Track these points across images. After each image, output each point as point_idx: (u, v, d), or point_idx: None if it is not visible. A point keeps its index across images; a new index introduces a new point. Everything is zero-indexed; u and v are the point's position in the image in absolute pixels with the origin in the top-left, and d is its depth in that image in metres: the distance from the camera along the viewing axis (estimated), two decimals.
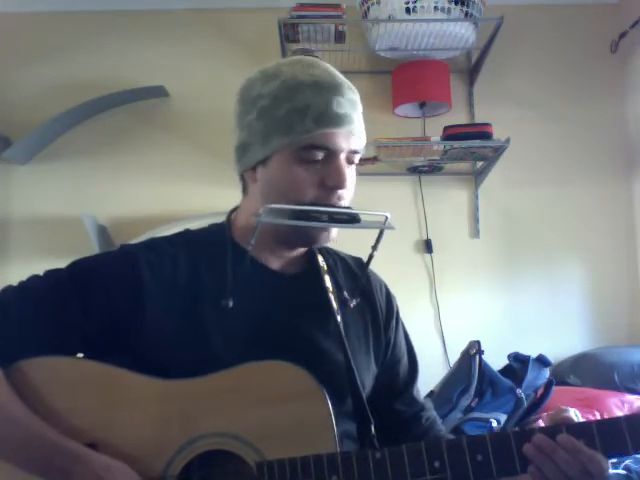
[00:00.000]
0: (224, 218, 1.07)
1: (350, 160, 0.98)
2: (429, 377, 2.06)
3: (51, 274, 0.97)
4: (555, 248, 2.96)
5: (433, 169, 2.93)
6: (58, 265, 0.97)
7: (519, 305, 2.93)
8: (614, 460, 1.79)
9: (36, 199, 2.92)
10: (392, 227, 0.98)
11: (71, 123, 2.91)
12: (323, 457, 0.85)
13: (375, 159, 2.80)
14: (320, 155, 0.94)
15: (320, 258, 1.09)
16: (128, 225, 2.82)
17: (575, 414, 0.88)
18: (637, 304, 2.92)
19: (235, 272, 0.98)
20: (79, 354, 0.96)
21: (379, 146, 2.71)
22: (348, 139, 0.96)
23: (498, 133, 2.65)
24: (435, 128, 2.81)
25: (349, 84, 0.99)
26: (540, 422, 1.98)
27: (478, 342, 2.25)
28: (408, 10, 2.63)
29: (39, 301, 0.93)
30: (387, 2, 2.65)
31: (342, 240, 1.05)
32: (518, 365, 2.22)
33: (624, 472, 1.79)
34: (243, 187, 1.05)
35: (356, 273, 1.12)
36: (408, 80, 2.85)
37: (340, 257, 1.14)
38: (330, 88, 0.95)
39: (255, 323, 0.98)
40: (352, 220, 0.95)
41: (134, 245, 1.01)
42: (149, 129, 2.98)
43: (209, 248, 1.02)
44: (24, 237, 2.91)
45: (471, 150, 2.69)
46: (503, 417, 2.10)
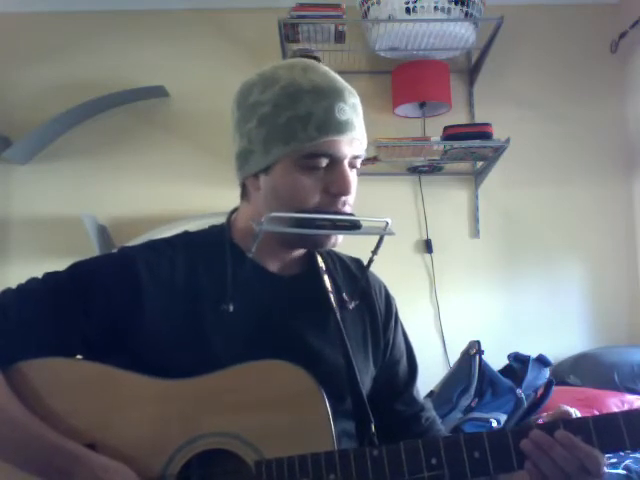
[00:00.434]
0: (224, 219, 1.07)
1: (353, 165, 0.97)
2: (429, 377, 2.07)
3: (50, 276, 0.96)
4: (555, 248, 2.96)
5: (433, 169, 2.93)
6: (58, 265, 0.98)
7: (519, 305, 2.93)
8: (614, 460, 1.79)
9: (36, 199, 2.93)
10: (392, 233, 0.97)
11: (71, 123, 2.91)
12: (321, 455, 0.85)
13: (375, 159, 2.81)
14: (324, 162, 0.94)
15: (319, 259, 1.08)
16: (128, 225, 2.83)
17: (575, 414, 0.88)
18: (637, 304, 2.92)
19: (234, 274, 0.98)
20: (78, 355, 0.96)
21: (379, 146, 2.71)
22: (351, 145, 0.95)
23: (498, 133, 2.65)
24: (435, 128, 2.81)
25: (349, 88, 0.97)
26: (540, 422, 1.98)
27: (478, 342, 2.25)
28: (408, 10, 2.63)
29: (39, 302, 0.93)
30: (387, 2, 2.65)
31: (342, 244, 1.05)
32: (518, 365, 2.22)
33: (624, 472, 1.79)
34: (243, 192, 1.04)
35: (355, 274, 1.12)
36: (408, 80, 2.85)
37: (339, 258, 1.14)
38: (331, 94, 0.93)
39: (254, 324, 0.98)
40: (353, 226, 0.95)
41: (133, 247, 1.01)
42: (149, 129, 2.98)
43: (208, 249, 1.01)
44: (24, 237, 2.91)
45: (471, 150, 2.69)
46: (503, 417, 2.10)
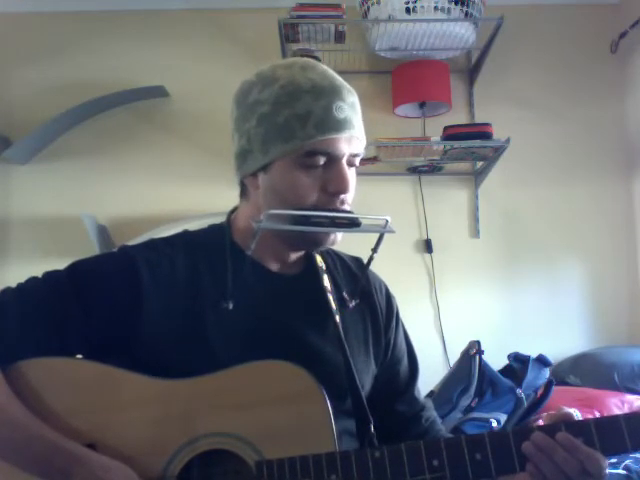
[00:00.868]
0: (223, 218, 1.07)
1: (351, 163, 0.97)
2: (429, 377, 2.06)
3: (50, 275, 0.96)
4: (555, 248, 2.96)
5: (433, 169, 2.93)
6: (58, 265, 0.97)
7: (519, 305, 2.93)
8: (614, 460, 1.79)
9: (36, 199, 2.92)
10: (392, 231, 0.97)
11: (71, 123, 2.91)
12: (322, 456, 0.85)
13: (375, 159, 2.81)
14: (322, 160, 0.94)
15: (319, 259, 1.08)
16: (128, 225, 2.82)
17: (575, 414, 0.88)
18: (637, 304, 2.92)
19: (234, 273, 0.98)
20: (78, 355, 0.95)
21: (379, 146, 2.71)
22: (349, 143, 0.95)
23: (498, 133, 2.65)
24: (435, 128, 2.81)
25: (348, 87, 0.98)
26: (540, 422, 1.98)
27: (478, 342, 2.24)
28: (408, 10, 2.63)
29: (38, 302, 0.93)
30: (387, 2, 2.64)
31: (342, 242, 1.05)
32: (518, 365, 2.22)
33: (624, 472, 1.79)
34: (242, 191, 1.05)
35: (355, 273, 1.11)
36: (408, 80, 2.85)
37: (339, 257, 1.14)
38: (330, 93, 0.94)
39: (254, 324, 0.97)
40: (352, 224, 0.95)
41: (133, 246, 1.01)
42: (149, 129, 2.98)
43: (208, 249, 1.01)
44: (24, 237, 2.91)
45: (471, 150, 2.69)
46: (503, 417, 2.10)
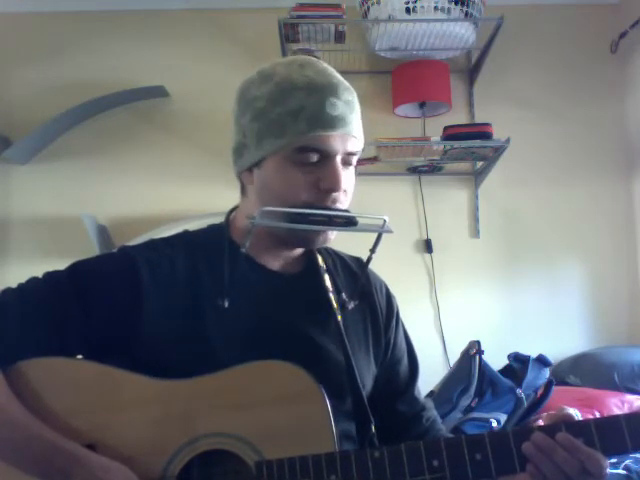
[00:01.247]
0: (223, 218, 1.07)
1: (347, 162, 0.96)
2: (429, 377, 2.06)
3: (50, 276, 0.96)
4: (555, 248, 2.96)
5: (433, 169, 2.93)
6: (58, 265, 0.97)
7: (519, 305, 2.93)
8: (614, 460, 1.79)
9: (36, 199, 2.92)
10: (390, 230, 0.96)
11: (71, 123, 2.91)
12: (322, 457, 0.85)
13: (375, 159, 2.80)
14: (315, 157, 0.93)
15: (319, 258, 1.08)
16: (128, 225, 2.83)
17: (575, 414, 0.87)
18: (637, 304, 2.92)
19: (233, 272, 0.98)
20: (78, 355, 0.95)
21: (379, 146, 2.71)
22: (344, 141, 0.94)
23: (498, 133, 2.65)
24: (435, 128, 2.81)
25: (346, 85, 0.97)
26: (540, 422, 1.98)
27: (478, 342, 2.24)
28: (408, 10, 2.63)
29: (39, 302, 0.93)
30: (387, 2, 2.64)
31: (341, 242, 1.05)
32: (518, 365, 2.22)
33: (624, 472, 1.79)
34: (241, 188, 1.05)
35: (356, 273, 1.11)
36: (408, 80, 2.85)
37: (340, 257, 1.14)
38: (324, 89, 0.93)
39: (254, 323, 0.97)
40: (349, 223, 0.94)
41: (133, 246, 1.01)
42: (149, 129, 2.98)
43: (208, 249, 1.01)
44: (24, 237, 2.91)
45: (471, 150, 2.69)
46: (503, 417, 2.10)
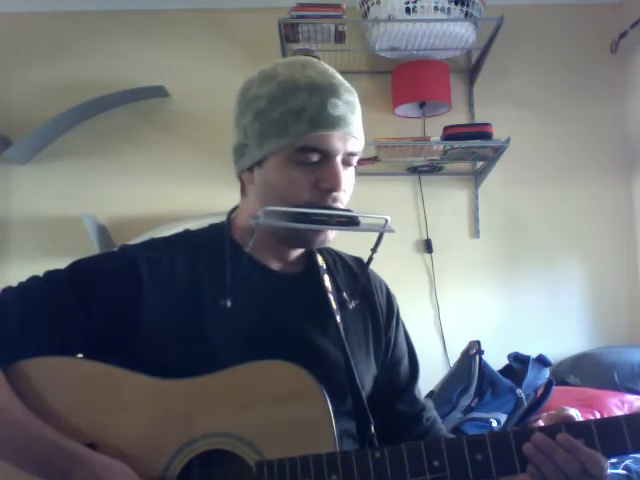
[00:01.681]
0: (224, 218, 1.07)
1: (347, 162, 0.97)
2: (429, 377, 2.06)
3: (51, 275, 0.96)
4: (555, 248, 2.96)
5: (433, 169, 2.93)
6: (58, 265, 0.97)
7: (519, 305, 2.93)
8: (614, 460, 1.79)
9: (36, 199, 2.92)
10: (392, 230, 0.96)
11: (71, 123, 2.91)
12: (322, 457, 0.85)
13: (375, 159, 2.81)
14: (315, 157, 0.94)
15: (320, 258, 1.08)
16: (128, 225, 2.82)
17: (575, 414, 0.88)
18: (637, 304, 2.92)
19: (234, 272, 0.98)
20: (79, 354, 0.95)
21: (379, 146, 2.71)
22: (344, 141, 0.94)
23: (498, 133, 2.65)
24: (435, 128, 2.81)
25: (347, 85, 0.97)
26: (540, 422, 1.98)
27: (478, 342, 2.24)
28: (408, 10, 2.63)
29: (39, 301, 0.93)
30: (387, 2, 2.65)
31: (342, 241, 1.05)
32: (518, 365, 2.22)
33: (624, 472, 1.79)
34: (242, 187, 1.05)
35: (356, 273, 1.11)
36: (408, 80, 2.85)
37: (340, 257, 1.14)
38: (325, 89, 0.94)
39: (255, 323, 0.97)
40: (351, 223, 0.94)
41: (133, 246, 1.01)
42: (149, 129, 2.98)
43: (208, 248, 1.01)
44: (24, 237, 2.91)
45: (471, 150, 2.69)
46: (503, 417, 2.10)
